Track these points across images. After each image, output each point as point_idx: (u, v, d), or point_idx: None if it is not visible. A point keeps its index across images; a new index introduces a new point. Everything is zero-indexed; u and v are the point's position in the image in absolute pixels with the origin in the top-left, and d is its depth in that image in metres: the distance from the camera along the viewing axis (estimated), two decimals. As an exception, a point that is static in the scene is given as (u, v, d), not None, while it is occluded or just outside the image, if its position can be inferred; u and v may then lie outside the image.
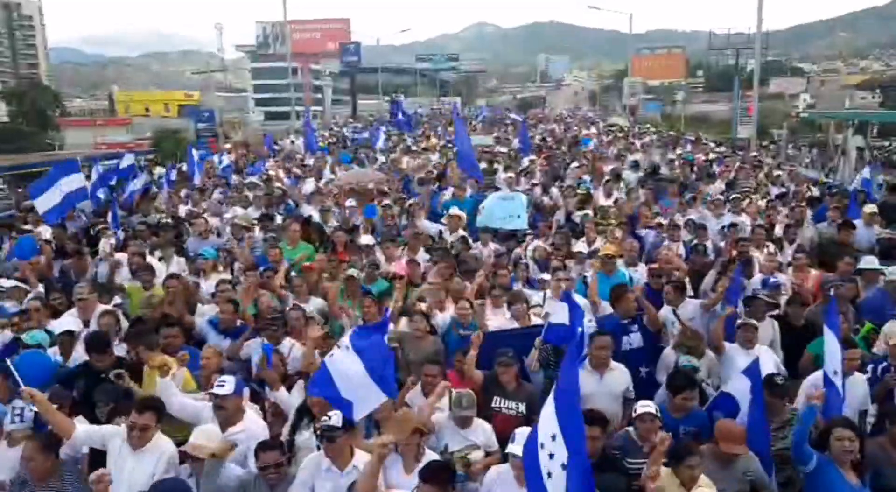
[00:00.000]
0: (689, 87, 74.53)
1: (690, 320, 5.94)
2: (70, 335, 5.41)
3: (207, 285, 7.14)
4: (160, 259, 7.79)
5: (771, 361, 5.26)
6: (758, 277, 7.02)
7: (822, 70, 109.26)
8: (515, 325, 5.97)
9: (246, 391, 4.63)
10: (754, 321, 5.50)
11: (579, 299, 6.19)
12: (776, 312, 6.21)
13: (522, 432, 3.76)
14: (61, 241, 8.59)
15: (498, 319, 6.14)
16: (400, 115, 32.64)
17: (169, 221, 9.94)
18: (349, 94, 70.37)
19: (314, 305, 6.58)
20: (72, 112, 63.08)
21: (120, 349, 5.43)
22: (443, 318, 6.13)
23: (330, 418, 3.92)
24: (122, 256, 7.64)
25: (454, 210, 9.27)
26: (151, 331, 5.30)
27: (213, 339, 5.86)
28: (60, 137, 43.84)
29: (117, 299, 6.65)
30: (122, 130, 41.63)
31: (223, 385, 4.24)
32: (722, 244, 8.16)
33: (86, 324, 5.99)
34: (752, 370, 4.46)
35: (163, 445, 4.02)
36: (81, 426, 4.06)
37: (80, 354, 5.37)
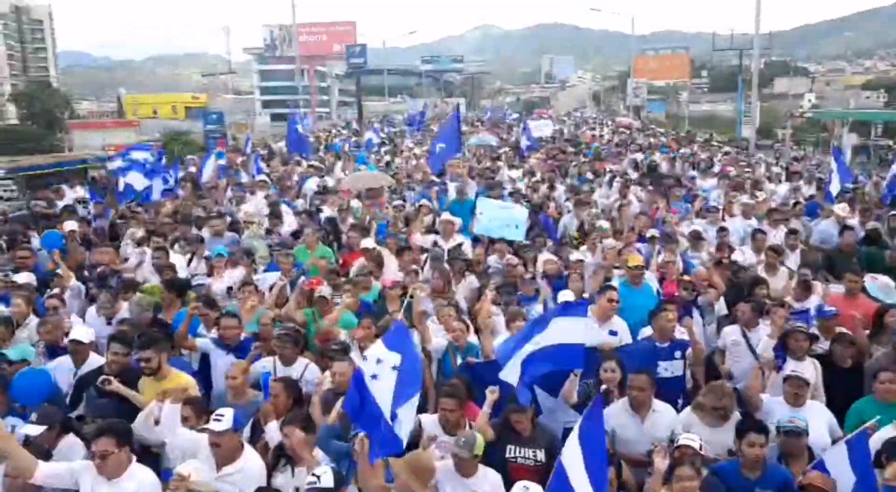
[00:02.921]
0: (694, 87, 74.46)
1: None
2: (78, 344, 5.15)
3: (221, 285, 7.02)
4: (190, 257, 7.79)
5: (824, 424, 4.48)
6: (813, 301, 6.10)
7: (827, 70, 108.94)
8: None
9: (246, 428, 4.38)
10: (805, 375, 4.65)
11: (617, 320, 5.77)
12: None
13: None
14: (85, 234, 8.80)
15: (500, 340, 5.50)
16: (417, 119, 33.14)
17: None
18: (355, 96, 70.75)
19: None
20: (80, 114, 63.47)
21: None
22: (438, 343, 5.54)
23: (319, 478, 3.45)
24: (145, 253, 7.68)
25: (446, 215, 8.95)
26: (167, 337, 5.05)
27: (219, 357, 5.40)
28: (69, 140, 44.21)
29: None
30: (131, 133, 41.89)
31: (220, 420, 3.82)
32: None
33: (108, 322, 6.09)
34: (859, 445, 3.70)
35: (140, 475, 3.69)
36: (45, 465, 3.69)
37: (95, 361, 5.15)
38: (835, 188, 10.60)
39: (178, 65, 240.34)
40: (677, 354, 5.23)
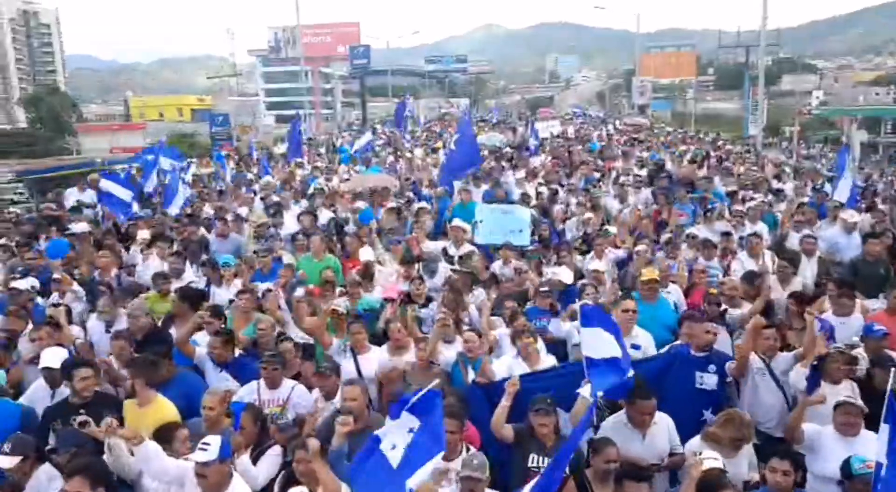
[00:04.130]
0: (700, 85, 74.11)
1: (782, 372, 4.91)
2: (50, 371, 4.85)
3: (228, 293, 6.92)
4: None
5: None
6: (857, 319, 5.51)
7: (835, 67, 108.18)
8: (522, 364, 5.18)
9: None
10: (859, 401, 4.19)
11: (640, 332, 5.48)
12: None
13: None
14: (96, 236, 8.92)
15: (505, 358, 5.40)
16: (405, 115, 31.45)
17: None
18: (359, 97, 70.83)
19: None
20: (88, 118, 63.91)
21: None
22: (447, 355, 5.38)
23: None
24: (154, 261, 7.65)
25: (457, 222, 8.62)
26: (151, 363, 4.76)
27: (211, 372, 5.35)
28: (77, 143, 44.46)
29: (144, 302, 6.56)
30: (138, 135, 42.06)
31: (206, 449, 3.66)
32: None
33: (107, 329, 6.03)
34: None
35: None
36: None
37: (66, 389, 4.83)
38: (841, 195, 9.68)
39: (184, 68, 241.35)
40: (711, 367, 4.91)
